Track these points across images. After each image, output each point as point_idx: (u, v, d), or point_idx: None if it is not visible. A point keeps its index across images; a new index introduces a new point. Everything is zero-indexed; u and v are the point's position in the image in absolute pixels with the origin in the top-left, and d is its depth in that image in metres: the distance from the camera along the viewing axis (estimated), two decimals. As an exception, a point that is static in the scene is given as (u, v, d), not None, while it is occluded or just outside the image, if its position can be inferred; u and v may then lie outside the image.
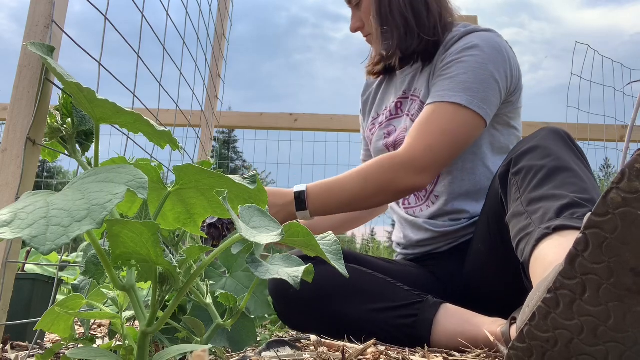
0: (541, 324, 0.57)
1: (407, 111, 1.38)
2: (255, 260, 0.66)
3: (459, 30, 1.31)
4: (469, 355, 0.93)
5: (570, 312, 0.55)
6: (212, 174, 0.63)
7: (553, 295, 0.55)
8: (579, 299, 0.54)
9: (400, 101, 1.41)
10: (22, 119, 0.70)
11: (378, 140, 1.43)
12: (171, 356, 0.57)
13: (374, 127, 1.48)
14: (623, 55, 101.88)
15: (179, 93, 1.41)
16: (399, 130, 1.38)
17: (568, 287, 0.54)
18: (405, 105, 1.40)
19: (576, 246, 0.53)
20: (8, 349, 0.97)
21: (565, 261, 0.54)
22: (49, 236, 0.39)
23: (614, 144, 2.99)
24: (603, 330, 0.55)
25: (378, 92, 1.51)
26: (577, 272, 0.54)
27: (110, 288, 0.71)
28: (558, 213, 0.82)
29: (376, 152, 1.44)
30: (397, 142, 1.36)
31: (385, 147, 1.41)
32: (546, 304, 0.56)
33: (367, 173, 1.18)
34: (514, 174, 0.96)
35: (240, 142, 18.39)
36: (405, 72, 1.41)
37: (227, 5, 2.34)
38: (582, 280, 0.54)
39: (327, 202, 1.19)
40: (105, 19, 0.88)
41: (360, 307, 1.11)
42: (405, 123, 1.37)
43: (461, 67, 1.22)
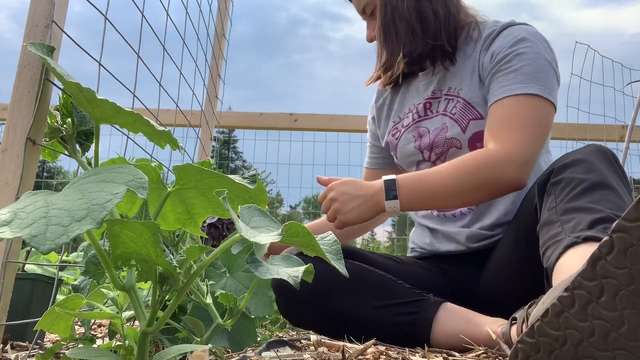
0: (553, 322, 0.56)
1: (443, 110, 1.32)
2: (255, 260, 0.66)
3: (496, 25, 1.28)
4: (469, 355, 0.93)
5: (584, 313, 0.55)
6: (212, 174, 0.63)
7: (570, 294, 0.55)
8: (594, 302, 0.54)
9: (429, 102, 1.35)
10: (22, 119, 0.70)
11: (407, 144, 1.37)
12: (171, 356, 0.57)
13: (397, 132, 1.41)
14: (623, 55, 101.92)
15: (179, 93, 1.41)
16: (434, 131, 1.32)
17: (586, 288, 0.54)
18: (437, 106, 1.34)
19: (601, 248, 0.53)
20: (8, 349, 0.97)
21: (588, 262, 0.54)
22: (49, 235, 0.39)
23: (614, 144, 2.99)
24: (614, 337, 0.54)
25: (396, 97, 1.46)
26: (597, 274, 0.53)
27: (110, 288, 0.71)
28: (591, 225, 0.81)
29: (405, 156, 1.39)
30: (435, 143, 1.31)
31: (419, 150, 1.35)
32: (561, 302, 0.56)
33: (467, 168, 1.12)
34: (553, 184, 0.95)
35: (240, 142, 18.37)
36: (430, 74, 1.37)
37: (227, 5, 2.34)
38: (601, 283, 0.53)
39: (421, 194, 1.13)
40: (105, 19, 0.88)
41: (361, 304, 1.11)
42: (442, 123, 1.31)
43: (522, 59, 1.18)
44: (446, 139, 1.29)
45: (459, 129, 1.27)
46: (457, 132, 1.27)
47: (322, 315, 1.13)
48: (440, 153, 1.30)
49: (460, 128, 1.27)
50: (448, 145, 1.28)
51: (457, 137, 1.27)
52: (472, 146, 1.26)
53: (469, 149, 1.26)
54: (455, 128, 1.27)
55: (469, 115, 1.27)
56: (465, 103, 1.28)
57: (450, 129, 1.28)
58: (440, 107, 1.33)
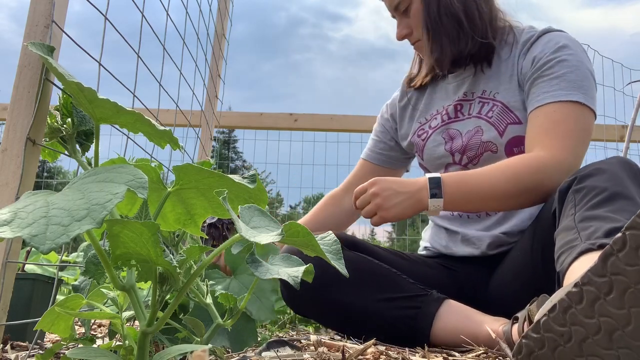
0: (559, 317, 0.56)
1: (477, 113, 1.30)
2: (255, 260, 0.66)
3: (533, 30, 1.28)
4: (469, 355, 0.93)
5: (592, 310, 0.55)
6: (212, 174, 0.63)
7: (578, 289, 0.55)
8: (602, 299, 0.54)
9: (460, 104, 1.34)
10: (22, 119, 0.70)
11: (436, 146, 1.34)
12: (171, 356, 0.57)
13: (424, 133, 1.39)
14: (623, 55, 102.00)
15: (179, 93, 1.41)
16: (467, 134, 1.30)
17: (595, 285, 0.54)
18: (469, 108, 1.32)
19: (613, 245, 0.53)
20: (8, 349, 0.97)
21: (599, 258, 0.54)
22: (49, 235, 0.39)
23: (614, 144, 2.99)
24: (619, 335, 0.54)
25: (421, 98, 1.44)
26: (607, 271, 0.53)
27: (110, 288, 0.71)
28: (607, 234, 0.80)
29: (433, 158, 1.36)
30: (468, 146, 1.29)
31: (449, 152, 1.32)
32: (569, 297, 0.56)
33: (516, 172, 1.10)
34: (574, 191, 0.94)
35: (240, 142, 18.35)
36: (461, 76, 1.35)
37: (227, 5, 2.34)
38: (610, 279, 0.53)
39: (466, 194, 1.11)
40: (105, 19, 0.88)
41: (364, 295, 1.12)
42: (476, 125, 1.29)
43: (565, 65, 1.18)
44: (481, 142, 1.26)
45: (495, 132, 1.25)
46: (494, 136, 1.25)
47: (325, 306, 1.14)
48: (474, 156, 1.28)
49: (497, 132, 1.25)
50: (483, 149, 1.26)
51: (493, 141, 1.25)
52: (509, 151, 1.24)
53: (505, 153, 1.24)
54: (491, 131, 1.25)
55: (507, 119, 1.25)
56: (503, 107, 1.26)
57: (486, 132, 1.25)
58: (473, 109, 1.31)
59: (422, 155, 1.39)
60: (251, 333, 0.90)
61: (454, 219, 1.33)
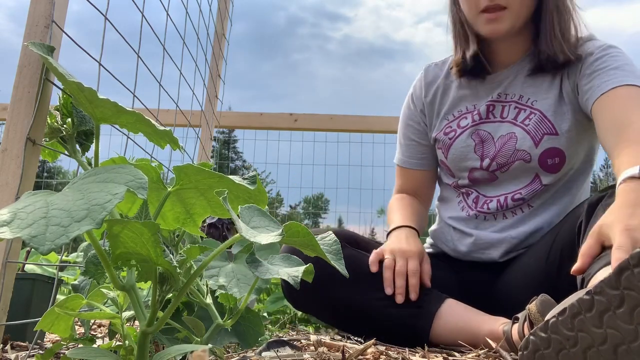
0: (567, 321, 0.56)
1: (512, 119, 1.25)
2: (255, 260, 0.66)
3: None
4: (469, 355, 0.93)
5: (600, 320, 0.55)
6: (212, 174, 0.63)
7: (590, 298, 0.55)
8: (612, 311, 0.54)
9: (493, 104, 1.28)
10: (22, 119, 0.70)
11: (466, 147, 1.29)
12: (171, 356, 0.57)
13: (452, 131, 1.32)
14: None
15: (179, 93, 1.41)
16: (500, 139, 1.25)
17: (607, 296, 0.54)
18: (502, 111, 1.27)
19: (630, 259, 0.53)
20: (8, 349, 0.97)
21: (614, 270, 0.54)
22: (49, 236, 0.39)
23: (614, 144, 2.98)
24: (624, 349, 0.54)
25: (447, 93, 1.36)
26: (620, 284, 0.53)
27: (110, 288, 0.71)
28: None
29: (460, 159, 1.30)
30: (500, 152, 1.24)
31: (479, 157, 1.27)
32: (580, 304, 0.56)
33: None
34: (604, 205, 0.92)
35: (240, 142, 18.37)
36: (498, 77, 1.29)
37: (227, 5, 2.34)
38: (622, 293, 0.53)
39: None
40: (105, 19, 0.88)
41: (365, 293, 1.12)
42: (510, 131, 1.24)
43: (616, 59, 1.14)
44: (515, 149, 1.22)
45: (531, 142, 1.21)
46: (529, 145, 1.21)
47: (326, 303, 1.14)
48: (504, 164, 1.24)
49: (533, 141, 1.21)
50: (515, 157, 1.22)
51: (527, 150, 1.21)
52: (543, 162, 1.20)
53: (538, 164, 1.21)
54: (527, 140, 1.21)
55: (543, 129, 1.21)
56: (541, 116, 1.21)
57: (521, 140, 1.21)
58: (508, 114, 1.26)
59: (446, 154, 1.33)
60: (258, 327, 0.90)
61: (469, 220, 1.29)
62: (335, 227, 2.11)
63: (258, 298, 1.79)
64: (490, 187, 1.27)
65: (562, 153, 1.20)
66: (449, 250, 1.33)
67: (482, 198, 1.28)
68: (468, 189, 1.31)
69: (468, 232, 1.28)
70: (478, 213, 1.28)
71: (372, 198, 3.54)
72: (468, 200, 1.31)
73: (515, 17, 1.17)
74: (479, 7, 1.18)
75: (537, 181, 1.23)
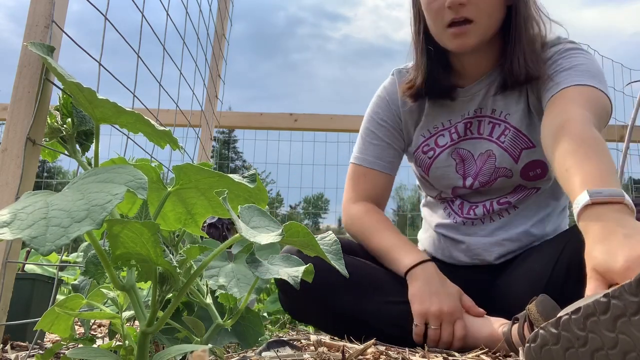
0: (580, 321, 0.56)
1: (488, 135, 1.22)
2: (255, 260, 0.66)
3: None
4: (469, 355, 0.93)
5: (613, 325, 0.54)
6: (212, 173, 0.63)
7: (607, 300, 0.55)
8: (627, 317, 0.54)
9: (470, 121, 1.24)
10: (22, 119, 0.70)
11: (447, 167, 1.25)
12: (171, 356, 0.57)
13: (431, 150, 1.27)
14: (622, 55, 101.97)
15: (179, 93, 1.41)
16: (480, 158, 1.22)
17: (624, 301, 0.54)
18: (479, 127, 1.24)
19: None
20: (8, 349, 0.97)
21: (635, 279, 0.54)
22: (49, 237, 0.39)
23: (614, 144, 2.99)
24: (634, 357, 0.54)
25: (422, 106, 1.29)
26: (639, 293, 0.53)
27: (110, 288, 0.71)
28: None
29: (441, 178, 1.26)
30: (481, 172, 1.22)
31: (462, 176, 1.24)
32: (596, 305, 0.55)
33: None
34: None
35: (240, 142, 18.34)
36: (470, 91, 1.24)
37: (227, 5, 2.34)
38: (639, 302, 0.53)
39: None
40: (105, 19, 0.88)
41: (362, 300, 1.11)
42: (487, 149, 1.21)
43: (571, 60, 1.11)
44: (495, 168, 1.21)
45: (510, 159, 1.19)
46: (509, 163, 1.19)
47: (323, 311, 1.13)
48: (486, 182, 1.22)
49: (512, 158, 1.19)
50: (497, 175, 1.21)
51: (508, 167, 1.20)
52: (525, 175, 1.20)
53: (521, 177, 1.20)
54: (505, 157, 1.20)
55: (520, 144, 1.19)
56: (515, 131, 1.19)
57: (499, 157, 1.20)
58: (484, 129, 1.23)
59: (427, 172, 1.29)
60: (258, 327, 0.90)
61: (457, 227, 1.28)
62: (336, 228, 2.10)
63: (258, 298, 1.79)
64: (476, 196, 1.26)
65: (542, 163, 1.19)
66: (445, 259, 1.31)
67: (467, 204, 1.27)
68: (453, 198, 1.29)
69: (459, 240, 1.26)
70: (465, 219, 1.26)
71: (372, 198, 3.53)
72: (453, 206, 1.29)
73: (482, 31, 1.12)
74: (444, 21, 1.12)
75: (522, 188, 1.23)
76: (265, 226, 0.60)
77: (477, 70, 1.23)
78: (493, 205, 1.24)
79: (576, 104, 1.00)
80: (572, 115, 0.95)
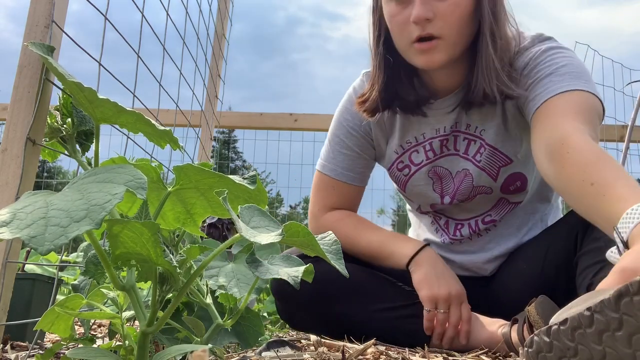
0: (568, 333, 0.57)
1: (464, 153, 1.17)
2: (255, 260, 0.66)
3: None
4: (469, 355, 0.93)
5: (599, 338, 0.55)
6: (212, 174, 0.63)
7: (590, 314, 0.55)
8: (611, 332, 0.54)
9: (446, 138, 1.18)
10: (22, 119, 0.70)
11: (424, 185, 1.21)
12: (171, 356, 0.57)
13: (406, 168, 1.22)
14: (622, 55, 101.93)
15: (179, 93, 1.41)
16: (457, 176, 1.18)
17: (606, 317, 0.54)
18: (455, 143, 1.18)
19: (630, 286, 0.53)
20: (8, 349, 0.97)
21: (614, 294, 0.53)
22: (48, 236, 0.39)
23: (614, 144, 2.99)
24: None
25: (394, 119, 1.22)
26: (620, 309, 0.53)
27: (110, 288, 0.71)
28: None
29: (419, 196, 1.23)
30: (459, 191, 1.18)
31: (439, 195, 1.20)
32: (580, 319, 0.56)
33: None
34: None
35: (240, 142, 18.33)
36: (444, 104, 1.16)
37: (227, 5, 2.34)
38: (621, 318, 0.53)
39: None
40: (105, 19, 0.88)
41: (361, 307, 1.10)
42: (463, 168, 1.17)
43: (550, 64, 1.03)
44: (473, 187, 1.17)
45: (488, 177, 1.16)
46: (487, 181, 1.16)
47: (322, 318, 1.12)
48: (465, 199, 1.19)
49: (490, 177, 1.15)
50: (476, 192, 1.18)
51: (487, 185, 1.16)
52: (505, 189, 1.17)
53: (501, 192, 1.17)
54: (483, 176, 1.16)
55: (497, 162, 1.15)
56: (491, 150, 1.14)
57: (476, 177, 1.16)
58: (460, 146, 1.17)
59: (403, 189, 1.25)
60: (258, 327, 0.90)
61: (446, 246, 1.25)
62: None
63: (258, 298, 1.79)
64: (457, 210, 1.23)
65: (521, 175, 1.16)
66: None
67: (453, 222, 1.24)
68: (436, 214, 1.27)
69: (450, 259, 1.24)
70: (452, 240, 1.24)
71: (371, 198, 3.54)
72: (440, 222, 1.26)
73: (451, 47, 1.04)
74: (410, 37, 1.04)
75: (504, 202, 1.20)
76: (265, 226, 0.60)
77: (448, 85, 1.15)
78: (478, 225, 1.22)
79: (567, 118, 0.94)
80: (568, 131, 0.90)
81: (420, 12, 1.00)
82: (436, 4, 1.02)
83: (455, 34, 1.04)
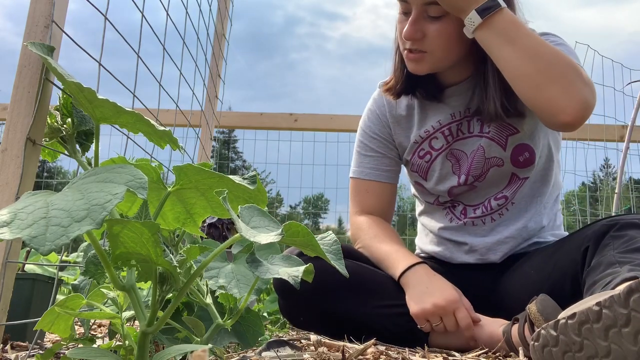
0: (575, 327, 0.57)
1: (479, 132, 1.23)
2: (255, 260, 0.66)
3: None
4: (469, 355, 0.93)
5: (605, 334, 0.55)
6: (212, 174, 0.63)
7: (598, 309, 0.55)
8: (618, 328, 0.54)
9: (460, 122, 1.25)
10: (22, 119, 0.70)
11: (445, 170, 1.27)
12: (171, 356, 0.57)
13: (427, 154, 1.28)
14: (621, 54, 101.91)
15: (179, 93, 1.41)
16: (471, 154, 1.24)
17: (614, 312, 0.54)
18: (468, 126, 1.25)
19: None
20: (8, 349, 0.97)
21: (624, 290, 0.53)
22: (49, 236, 0.39)
23: (613, 144, 2.99)
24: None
25: (413, 110, 1.31)
26: (629, 305, 0.53)
27: (110, 288, 0.71)
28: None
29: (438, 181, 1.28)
30: (472, 165, 1.23)
31: (457, 175, 1.26)
32: (588, 314, 0.56)
33: (562, 55, 1.03)
34: (614, 237, 0.93)
35: (240, 142, 18.35)
36: (457, 91, 1.25)
37: (227, 5, 2.34)
38: (629, 314, 0.53)
39: (517, 30, 1.03)
40: (105, 19, 0.88)
41: (362, 304, 1.11)
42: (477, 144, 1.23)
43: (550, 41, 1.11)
44: (485, 159, 1.22)
45: (498, 147, 1.21)
46: (497, 151, 1.21)
47: (323, 316, 1.13)
48: (479, 175, 1.23)
49: (499, 146, 1.21)
50: (488, 165, 1.22)
51: (498, 156, 1.21)
52: (515, 161, 1.21)
53: (511, 164, 1.21)
54: (493, 146, 1.21)
55: (505, 131, 1.20)
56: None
57: (487, 148, 1.21)
58: (474, 128, 1.24)
59: (425, 176, 1.30)
60: (258, 327, 0.90)
61: (460, 228, 1.28)
62: (336, 228, 2.10)
63: (258, 298, 1.79)
64: (473, 195, 1.27)
65: (529, 147, 1.21)
66: (447, 260, 1.30)
67: (470, 208, 1.27)
68: (453, 202, 1.30)
69: (462, 241, 1.26)
70: (467, 220, 1.27)
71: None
72: (455, 212, 1.30)
73: (437, 61, 1.16)
74: (404, 45, 1.16)
75: (515, 179, 1.24)
76: (265, 226, 0.60)
77: (457, 78, 1.24)
78: (491, 203, 1.25)
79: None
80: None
81: (409, 33, 1.12)
82: (427, 25, 1.12)
83: (442, 52, 1.14)
